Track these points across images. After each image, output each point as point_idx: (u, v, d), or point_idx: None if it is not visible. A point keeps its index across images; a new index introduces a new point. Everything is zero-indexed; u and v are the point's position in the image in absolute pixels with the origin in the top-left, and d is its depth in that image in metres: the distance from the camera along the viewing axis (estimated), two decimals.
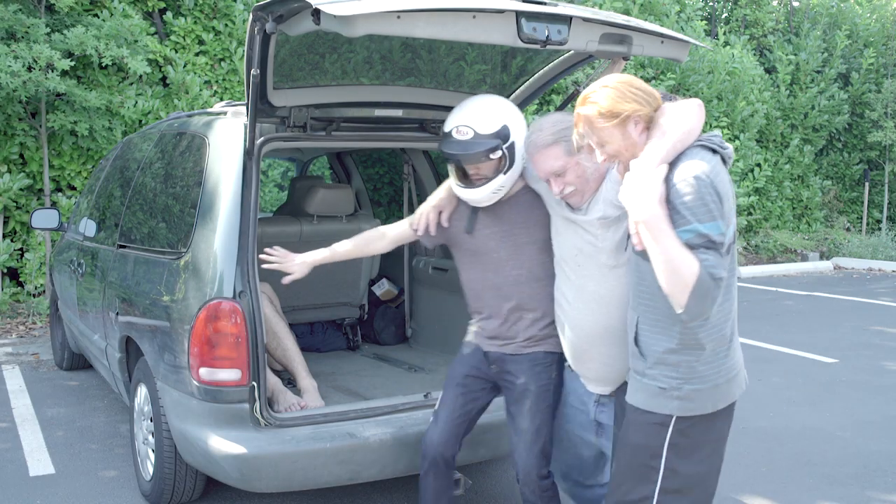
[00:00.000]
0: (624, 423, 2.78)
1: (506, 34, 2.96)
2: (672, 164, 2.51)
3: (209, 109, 4.57)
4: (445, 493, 3.40)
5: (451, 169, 3.27)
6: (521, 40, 2.97)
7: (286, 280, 3.41)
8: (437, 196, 3.43)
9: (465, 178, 3.25)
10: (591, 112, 2.55)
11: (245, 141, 3.70)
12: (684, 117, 2.58)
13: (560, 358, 3.31)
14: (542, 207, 3.31)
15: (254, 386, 3.46)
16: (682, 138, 2.53)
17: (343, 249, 3.51)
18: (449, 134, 3.18)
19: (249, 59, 3.27)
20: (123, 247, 4.66)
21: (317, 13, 2.78)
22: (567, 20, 3.03)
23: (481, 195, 3.22)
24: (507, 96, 4.28)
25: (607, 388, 3.09)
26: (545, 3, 3.04)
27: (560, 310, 3.15)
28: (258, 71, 3.29)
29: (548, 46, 3.03)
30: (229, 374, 3.44)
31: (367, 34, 2.77)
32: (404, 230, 3.50)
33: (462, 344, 3.53)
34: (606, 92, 2.56)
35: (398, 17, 2.75)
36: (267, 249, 3.42)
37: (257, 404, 3.47)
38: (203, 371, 3.45)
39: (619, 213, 2.90)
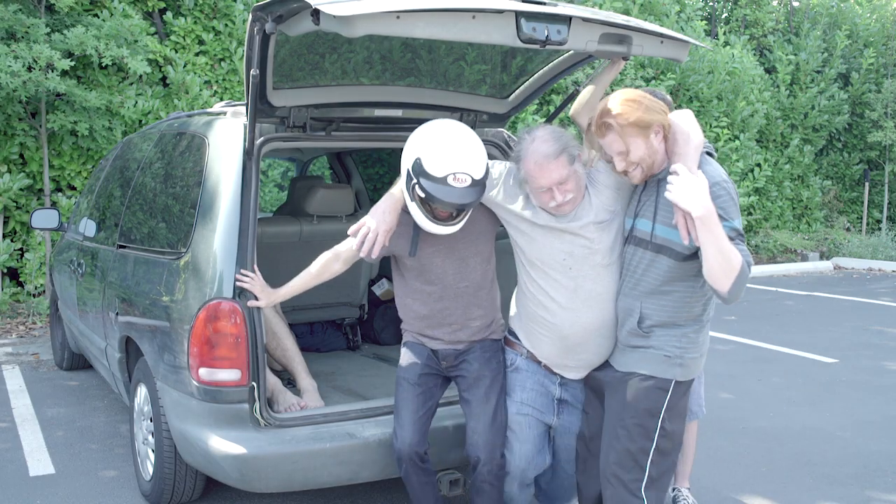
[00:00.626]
0: (620, 389, 3.12)
1: (505, 34, 2.96)
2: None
3: (209, 109, 4.56)
4: (430, 483, 3.48)
5: (421, 206, 3.19)
6: (521, 40, 2.97)
7: (252, 303, 3.48)
8: (385, 219, 3.28)
9: (434, 215, 3.22)
10: (623, 122, 2.87)
11: (245, 141, 3.69)
12: (695, 128, 2.95)
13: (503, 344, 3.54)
14: (482, 219, 3.41)
15: (253, 386, 3.46)
16: (699, 146, 2.95)
17: (308, 277, 3.54)
18: (444, 180, 3.08)
19: (249, 59, 3.27)
20: (123, 247, 4.65)
21: (316, 13, 2.78)
22: (567, 20, 3.03)
23: (455, 229, 3.27)
24: (507, 96, 4.29)
25: (585, 373, 3.31)
26: (545, 3, 3.03)
27: (547, 313, 3.23)
28: (258, 71, 3.28)
29: (547, 46, 3.03)
30: (229, 375, 3.44)
31: (367, 34, 2.77)
32: (351, 248, 3.41)
33: (403, 345, 3.58)
34: (634, 105, 2.88)
35: (398, 17, 2.74)
36: (243, 271, 3.50)
37: (257, 404, 3.47)
38: (203, 371, 3.45)
39: (610, 217, 3.14)
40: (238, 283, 3.47)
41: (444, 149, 3.12)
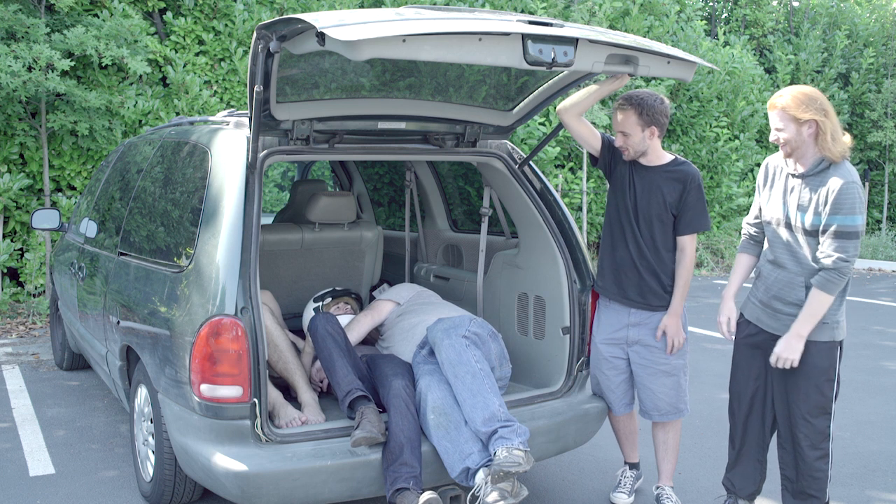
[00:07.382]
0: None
1: (511, 57, 2.94)
2: None
3: (211, 118, 4.54)
4: None
5: None
6: (527, 62, 2.95)
7: None
8: None
9: None
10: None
11: (248, 153, 3.67)
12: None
13: None
14: None
15: (255, 402, 3.44)
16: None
17: None
18: None
19: (252, 74, 3.25)
20: (124, 254, 4.62)
21: (321, 35, 2.76)
22: (573, 42, 3.02)
23: None
24: (511, 109, 4.27)
25: None
26: (551, 25, 3.02)
27: None
28: (262, 87, 3.27)
29: (553, 68, 3.02)
30: (230, 391, 3.42)
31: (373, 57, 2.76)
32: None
33: None
34: None
35: (403, 41, 2.73)
36: None
37: (258, 420, 3.45)
38: (204, 387, 3.43)
39: None
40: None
41: None
